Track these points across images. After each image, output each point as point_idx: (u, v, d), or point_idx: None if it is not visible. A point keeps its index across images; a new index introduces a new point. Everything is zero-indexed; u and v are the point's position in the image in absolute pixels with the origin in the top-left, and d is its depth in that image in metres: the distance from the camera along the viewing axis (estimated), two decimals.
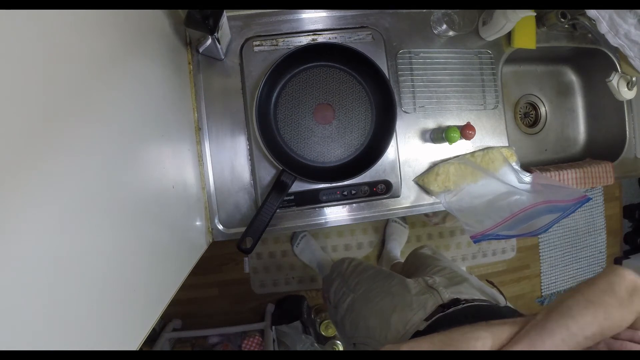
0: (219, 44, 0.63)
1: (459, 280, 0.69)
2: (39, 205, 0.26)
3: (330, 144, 0.72)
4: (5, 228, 0.22)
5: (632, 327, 0.36)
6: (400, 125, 0.75)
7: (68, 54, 0.30)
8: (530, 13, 0.72)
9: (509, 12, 0.69)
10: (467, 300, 0.58)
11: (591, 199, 0.41)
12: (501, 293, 0.66)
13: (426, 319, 0.57)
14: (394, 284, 0.73)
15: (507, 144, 0.79)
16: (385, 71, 0.72)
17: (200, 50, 0.66)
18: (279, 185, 0.65)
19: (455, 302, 0.58)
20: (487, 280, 0.70)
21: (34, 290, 0.25)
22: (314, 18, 0.73)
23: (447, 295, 0.61)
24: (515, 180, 0.72)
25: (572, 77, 1.00)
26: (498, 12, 0.71)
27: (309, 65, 0.71)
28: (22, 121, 0.25)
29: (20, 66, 0.25)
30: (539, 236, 1.62)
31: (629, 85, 0.74)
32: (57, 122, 0.28)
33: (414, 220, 1.56)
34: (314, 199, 0.71)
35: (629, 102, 0.88)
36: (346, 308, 0.78)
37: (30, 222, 0.25)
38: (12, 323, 0.23)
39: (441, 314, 0.56)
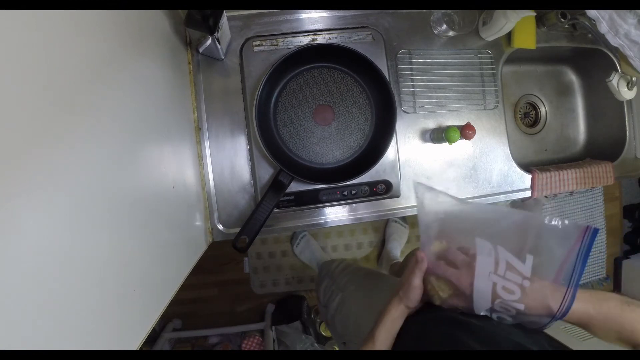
0: (219, 44, 0.63)
1: None
2: (39, 205, 0.26)
3: (329, 145, 0.72)
4: (6, 228, 0.22)
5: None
6: (400, 125, 0.75)
7: (68, 54, 0.30)
8: (530, 13, 0.72)
9: (509, 12, 0.69)
10: None
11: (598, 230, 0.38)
12: None
13: (413, 316, 0.57)
14: (384, 283, 0.73)
15: (507, 144, 0.79)
16: (385, 71, 0.72)
17: (200, 50, 0.66)
18: (276, 185, 0.65)
19: None
20: None
21: (35, 289, 0.25)
22: (314, 18, 0.73)
23: None
24: None
25: (572, 77, 1.00)
26: (498, 12, 0.71)
27: (309, 66, 0.71)
28: (22, 122, 0.25)
29: (20, 67, 0.25)
30: None
31: (629, 85, 0.74)
32: (57, 122, 0.28)
33: (414, 220, 1.56)
34: (314, 199, 0.71)
35: (629, 102, 0.88)
36: (336, 307, 0.78)
37: (30, 222, 0.25)
38: (13, 323, 0.23)
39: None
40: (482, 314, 0.45)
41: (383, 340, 0.49)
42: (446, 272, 0.46)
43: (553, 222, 0.40)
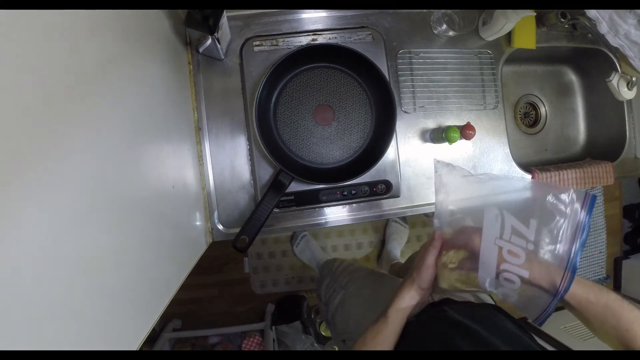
0: (219, 44, 0.63)
1: None
2: (40, 206, 0.26)
3: (329, 145, 0.72)
4: (6, 227, 0.22)
5: None
6: (400, 125, 0.75)
7: (68, 55, 0.30)
8: (530, 13, 0.72)
9: (509, 12, 0.69)
10: (458, 302, 0.58)
11: (595, 197, 0.41)
12: (491, 297, 0.66)
13: (416, 316, 0.57)
14: (385, 282, 0.73)
15: (507, 144, 0.79)
16: (385, 71, 0.72)
17: (200, 50, 0.66)
18: (276, 185, 0.65)
19: (446, 301, 0.58)
20: None
21: (35, 289, 0.25)
22: (314, 18, 0.73)
23: (438, 295, 0.61)
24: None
25: (572, 77, 1.00)
26: (498, 12, 0.71)
27: (308, 66, 0.71)
28: (23, 123, 0.25)
29: (20, 68, 0.25)
30: None
31: (629, 85, 0.74)
32: (58, 123, 0.28)
33: (414, 220, 1.56)
34: (314, 199, 0.71)
35: (629, 102, 0.88)
36: (337, 305, 0.79)
37: (31, 222, 0.25)
38: (12, 323, 0.23)
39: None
40: (487, 288, 0.44)
41: (395, 319, 0.50)
42: (455, 242, 0.48)
43: (555, 191, 0.43)
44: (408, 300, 0.50)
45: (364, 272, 0.84)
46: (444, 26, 0.74)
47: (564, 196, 0.42)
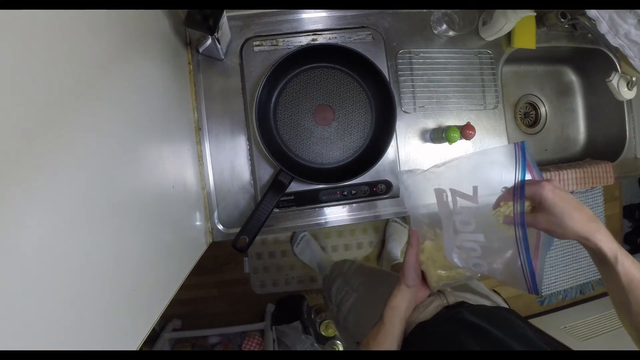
0: (219, 44, 0.63)
1: (465, 289, 0.69)
2: (40, 206, 0.26)
3: (329, 145, 0.72)
4: (6, 227, 0.22)
5: None
6: (400, 125, 0.75)
7: (67, 55, 0.30)
8: (530, 13, 0.72)
9: (509, 12, 0.69)
10: (472, 305, 0.58)
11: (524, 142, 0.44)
12: (505, 302, 0.66)
13: (431, 318, 0.57)
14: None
15: (507, 144, 0.79)
16: (385, 71, 0.72)
17: (200, 50, 0.66)
18: (276, 185, 0.65)
19: (461, 304, 0.58)
20: (493, 290, 0.70)
21: (34, 289, 0.25)
22: (314, 18, 0.73)
23: (453, 298, 0.61)
24: None
25: (572, 77, 1.00)
26: (498, 12, 0.71)
27: (308, 66, 0.71)
28: (23, 122, 0.25)
29: (20, 67, 0.25)
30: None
31: (629, 85, 0.74)
32: (58, 123, 0.28)
33: None
34: (314, 199, 0.71)
35: (629, 102, 0.88)
36: (349, 307, 0.78)
37: (31, 222, 0.25)
38: (12, 322, 0.23)
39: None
40: (457, 263, 0.46)
41: (390, 317, 0.52)
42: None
43: (489, 153, 0.45)
44: (399, 299, 0.53)
45: (376, 274, 0.83)
46: (444, 26, 0.74)
47: (495, 153, 0.45)
